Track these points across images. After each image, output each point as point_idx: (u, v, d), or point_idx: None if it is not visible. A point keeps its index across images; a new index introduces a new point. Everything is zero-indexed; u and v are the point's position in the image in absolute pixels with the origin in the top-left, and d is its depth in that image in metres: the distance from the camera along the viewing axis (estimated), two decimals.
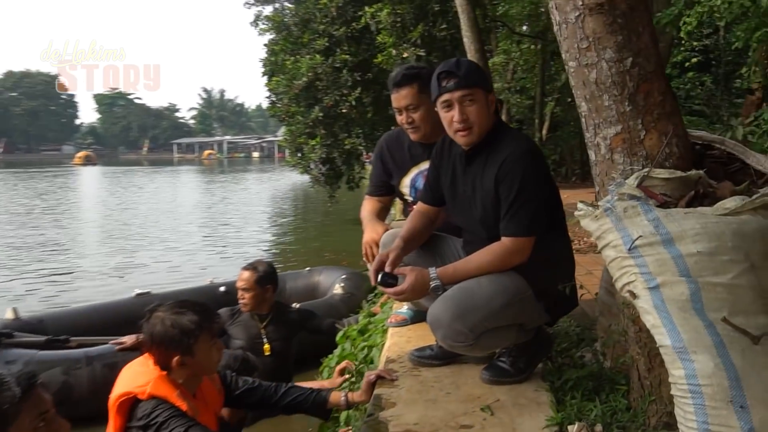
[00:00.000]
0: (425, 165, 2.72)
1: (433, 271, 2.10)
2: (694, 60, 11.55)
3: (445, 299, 2.04)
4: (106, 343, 3.94)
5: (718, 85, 11.60)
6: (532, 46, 15.39)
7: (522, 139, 2.16)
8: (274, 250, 11.72)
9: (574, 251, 2.36)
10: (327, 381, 3.08)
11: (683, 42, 10.84)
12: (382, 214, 2.90)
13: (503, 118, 3.73)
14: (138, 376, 2.06)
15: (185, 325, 2.04)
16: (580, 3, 1.86)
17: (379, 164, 2.92)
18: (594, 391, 2.12)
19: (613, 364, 2.28)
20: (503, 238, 2.08)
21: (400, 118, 2.68)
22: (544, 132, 16.23)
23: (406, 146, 2.81)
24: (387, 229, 2.64)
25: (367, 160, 19.41)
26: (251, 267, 3.66)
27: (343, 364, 3.04)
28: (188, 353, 2.04)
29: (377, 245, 2.56)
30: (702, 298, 1.58)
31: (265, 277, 3.64)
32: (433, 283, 2.08)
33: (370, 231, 2.69)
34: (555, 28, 2.00)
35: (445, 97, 2.09)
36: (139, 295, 5.48)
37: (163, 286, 7.37)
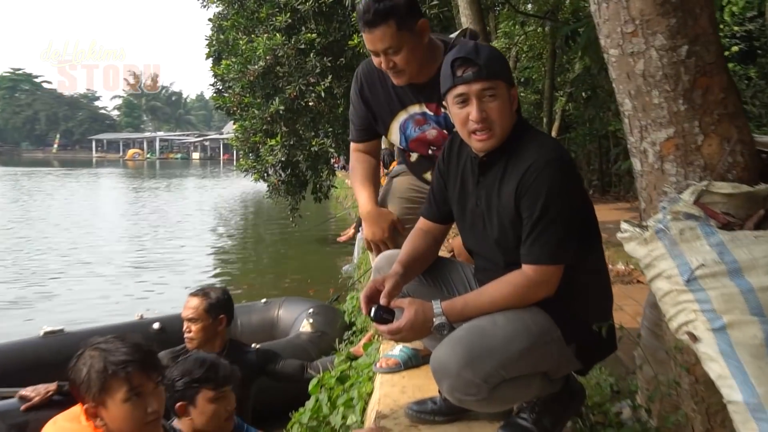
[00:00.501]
0: (415, 108, 2.75)
1: (437, 305, 2.08)
2: (736, 48, 11.75)
3: (453, 341, 2.02)
4: (12, 397, 3.81)
5: (767, 78, 11.81)
6: (539, 29, 15.58)
7: (550, 143, 2.15)
8: (220, 277, 11.58)
9: None
10: None
11: (722, 26, 11.03)
12: (376, 173, 2.96)
13: None
14: None
15: (95, 366, 2.01)
16: None
17: (360, 105, 2.90)
18: None
19: (659, 424, 2.29)
20: (524, 266, 2.07)
21: (378, 61, 2.63)
22: (553, 133, 16.41)
23: (390, 84, 2.78)
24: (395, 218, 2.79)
25: (338, 165, 19.41)
26: (201, 293, 3.64)
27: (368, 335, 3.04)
28: (99, 403, 2.00)
29: (389, 238, 2.72)
30: None
31: (218, 305, 3.61)
32: (437, 320, 2.06)
33: (374, 223, 2.78)
34: (592, 7, 2.02)
35: (461, 89, 2.07)
36: (47, 333, 5.33)
37: (79, 321, 7.23)
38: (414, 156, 2.93)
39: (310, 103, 11.39)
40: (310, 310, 5.95)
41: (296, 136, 11.87)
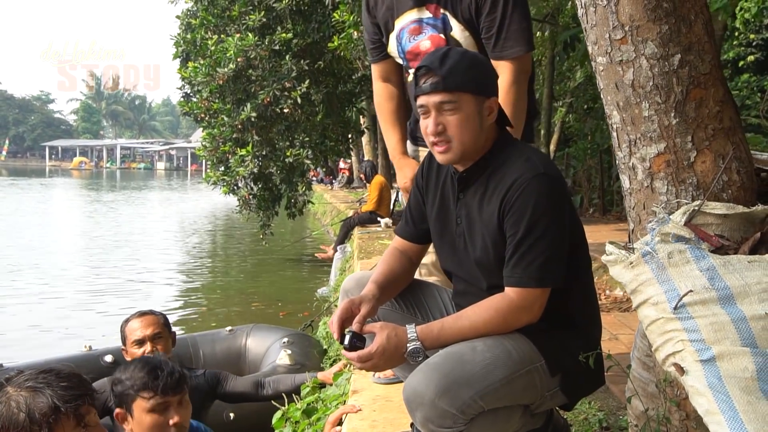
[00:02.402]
0: (413, 14, 2.86)
1: (411, 330, 2.09)
2: (751, 58, 11.92)
3: (428, 368, 2.03)
4: None
5: None
6: (538, 33, 15.74)
7: (536, 158, 2.17)
8: (176, 301, 11.44)
9: None
10: None
11: (737, 34, 11.17)
12: (401, 108, 3.16)
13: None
14: None
15: (38, 407, 1.97)
16: None
17: (367, 17, 3.07)
18: None
19: None
20: (507, 290, 2.09)
21: None
22: (552, 147, 16.54)
23: None
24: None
25: (315, 178, 19.40)
26: (148, 312, 3.67)
27: (338, 413, 3.00)
28: None
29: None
30: None
31: (168, 321, 3.66)
32: (410, 346, 2.07)
33: (399, 171, 3.08)
34: (579, 11, 2.06)
35: (421, 100, 2.12)
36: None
37: (20, 354, 7.12)
38: (411, 72, 2.98)
39: (286, 110, 11.40)
40: (285, 340, 5.81)
41: (269, 146, 11.86)
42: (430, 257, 2.87)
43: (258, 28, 11.26)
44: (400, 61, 3.05)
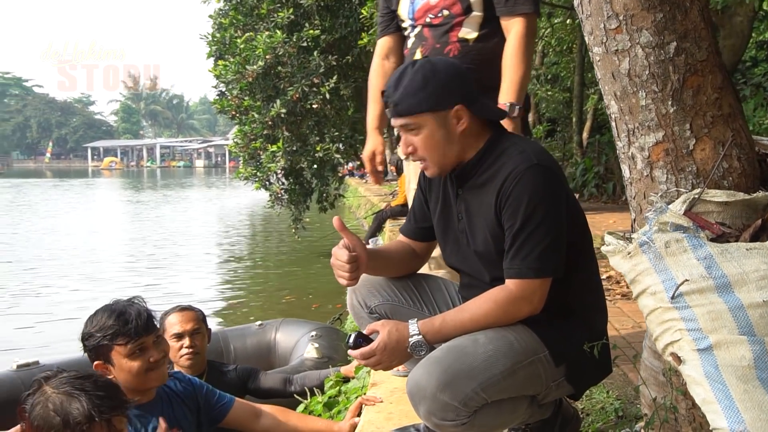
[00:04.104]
0: None
1: (413, 324, 2.10)
2: None
3: (430, 362, 2.03)
4: None
5: None
6: (568, 21, 15.56)
7: (530, 149, 2.16)
8: (211, 295, 11.56)
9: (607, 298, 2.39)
10: (336, 424, 3.05)
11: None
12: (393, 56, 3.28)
13: (530, 116, 3.78)
14: None
15: (72, 414, 2.00)
16: None
17: None
18: None
19: None
20: (507, 281, 2.09)
21: None
22: (584, 135, 16.39)
23: None
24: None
25: (345, 174, 19.46)
26: (186, 306, 3.73)
27: (356, 404, 3.02)
28: None
29: (381, 156, 3.21)
30: None
31: (205, 317, 3.72)
32: (412, 340, 2.08)
33: (367, 143, 3.23)
34: (575, 2, 2.04)
35: (392, 122, 2.19)
36: (20, 366, 5.27)
37: (57, 352, 7.20)
38: (410, 41, 3.11)
39: (315, 106, 11.41)
40: (313, 333, 5.84)
41: (300, 142, 11.89)
42: (438, 251, 2.89)
43: (286, 25, 11.30)
44: (407, 24, 3.09)
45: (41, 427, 2.01)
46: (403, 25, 3.13)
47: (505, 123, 2.75)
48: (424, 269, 2.61)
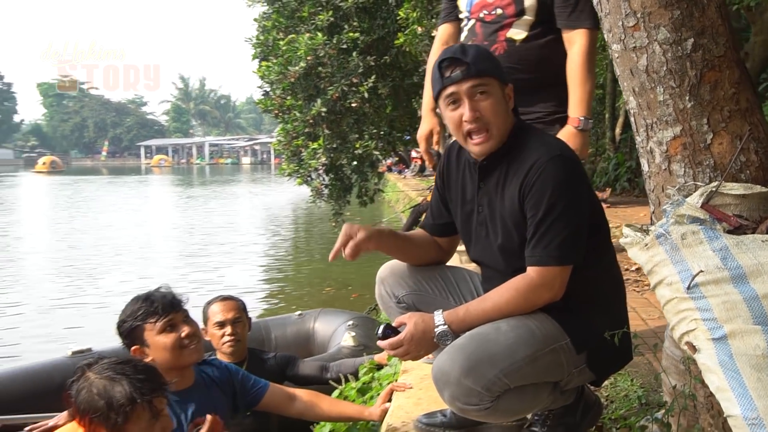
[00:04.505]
0: None
1: (438, 315, 2.10)
2: None
3: (454, 349, 2.04)
4: (22, 427, 3.86)
5: None
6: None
7: (552, 141, 2.16)
8: (255, 285, 11.66)
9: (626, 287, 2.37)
10: (367, 409, 3.07)
11: None
12: (452, 41, 3.23)
13: None
14: None
15: (115, 397, 2.04)
16: None
17: None
18: None
19: None
20: (528, 269, 2.07)
21: None
22: (617, 131, 16.19)
23: None
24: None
25: (384, 170, 19.48)
26: (227, 296, 3.78)
27: (387, 390, 3.04)
28: (117, 430, 2.05)
29: (438, 135, 3.21)
30: None
31: (245, 306, 3.76)
32: (438, 329, 2.08)
33: (422, 123, 3.21)
34: (594, 1, 2.02)
35: (451, 89, 2.10)
36: (75, 353, 5.33)
37: (109, 340, 7.30)
38: (463, 33, 3.11)
39: (354, 105, 11.41)
40: (350, 323, 5.89)
41: (340, 139, 11.91)
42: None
43: (326, 28, 11.31)
44: (464, 15, 3.09)
45: (87, 411, 2.05)
46: (460, 16, 3.13)
47: (576, 135, 2.79)
48: (455, 262, 2.62)
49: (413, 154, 30.98)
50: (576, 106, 2.85)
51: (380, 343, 2.17)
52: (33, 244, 17.60)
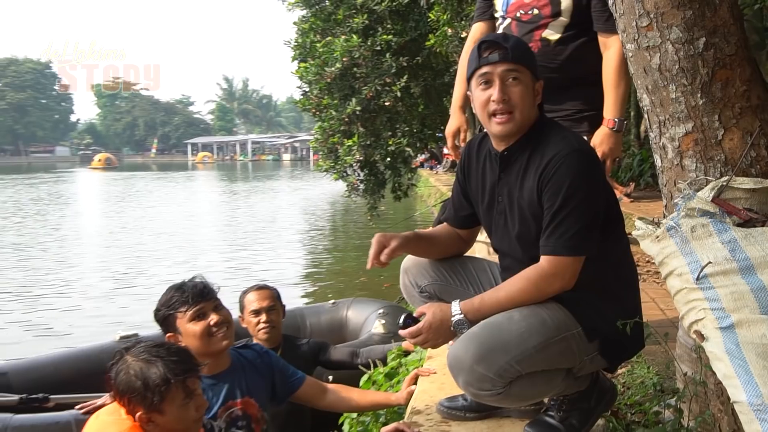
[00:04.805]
0: None
1: (455, 304, 2.10)
2: None
3: (467, 337, 2.04)
4: (74, 405, 3.92)
5: None
6: None
7: (571, 136, 2.15)
8: (294, 275, 11.75)
9: (642, 278, 2.34)
10: (394, 394, 3.09)
11: None
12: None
13: None
14: (107, 427, 2.13)
15: (151, 378, 2.07)
16: None
17: None
18: None
19: (695, 424, 2.24)
20: (541, 258, 2.07)
21: None
22: (642, 128, 15.98)
23: None
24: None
25: (417, 166, 19.48)
26: (262, 286, 3.81)
27: (413, 375, 3.05)
28: (154, 410, 2.08)
29: (465, 133, 3.18)
30: None
31: (280, 295, 3.79)
32: (455, 318, 2.08)
33: (450, 120, 3.23)
34: (610, 2, 2.01)
35: (485, 69, 2.10)
36: (123, 338, 5.38)
37: (155, 326, 7.39)
38: (501, 27, 3.08)
39: (387, 103, 11.41)
40: (381, 311, 5.90)
41: (374, 136, 11.92)
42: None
43: (361, 30, 11.32)
44: (499, 14, 3.09)
45: (125, 392, 2.09)
46: (496, 15, 3.13)
47: (611, 136, 2.82)
48: (484, 254, 2.62)
49: (445, 150, 30.94)
50: (611, 108, 2.84)
51: (401, 332, 2.18)
52: (90, 234, 17.94)
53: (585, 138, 2.78)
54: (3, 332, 8.51)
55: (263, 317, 3.65)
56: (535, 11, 2.92)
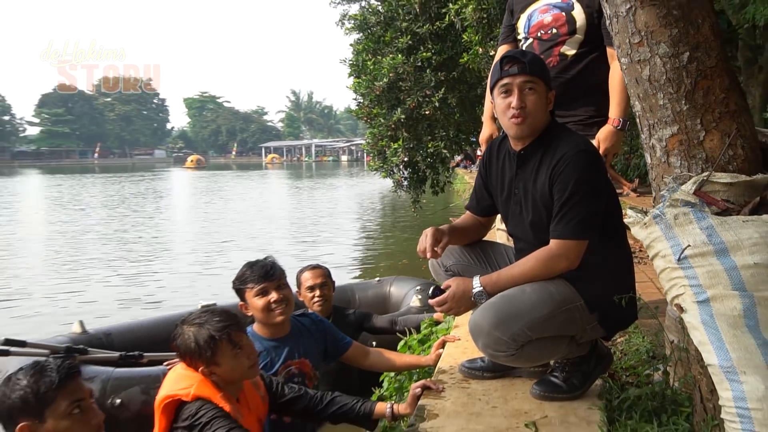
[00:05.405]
0: (542, 1, 2.99)
1: (476, 279, 2.12)
2: None
3: (487, 306, 2.05)
4: (162, 362, 4.04)
5: None
6: None
7: (578, 139, 2.15)
8: (347, 258, 11.83)
9: (644, 261, 2.31)
10: (424, 357, 3.12)
11: None
12: None
13: None
14: (182, 379, 2.19)
15: (203, 337, 2.15)
16: None
17: (508, 11, 3.24)
18: (654, 413, 2.07)
19: (679, 385, 2.21)
20: (550, 242, 2.07)
21: None
22: None
23: None
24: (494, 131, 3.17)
25: (454, 166, 19.41)
26: (315, 266, 3.85)
27: (440, 340, 3.07)
28: (212, 363, 2.15)
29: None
30: (757, 314, 1.53)
31: (330, 273, 3.83)
32: (475, 290, 2.10)
33: (485, 128, 3.24)
34: (607, 21, 1.98)
35: (506, 80, 2.12)
36: (204, 306, 5.51)
37: (231, 298, 7.54)
38: (524, 47, 3.08)
39: (427, 112, 11.38)
40: (418, 287, 5.92)
41: (416, 140, 11.90)
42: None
43: (405, 49, 11.27)
44: (522, 36, 3.10)
45: (186, 353, 2.19)
46: (518, 37, 3.13)
47: (614, 133, 2.80)
48: (504, 240, 2.63)
49: (478, 152, 30.69)
50: (615, 109, 2.82)
51: (430, 301, 2.21)
52: (181, 222, 18.33)
53: (593, 141, 2.76)
54: (108, 301, 8.76)
55: (317, 292, 3.70)
56: (554, 30, 2.92)
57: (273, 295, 2.70)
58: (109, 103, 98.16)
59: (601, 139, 2.81)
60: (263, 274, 2.73)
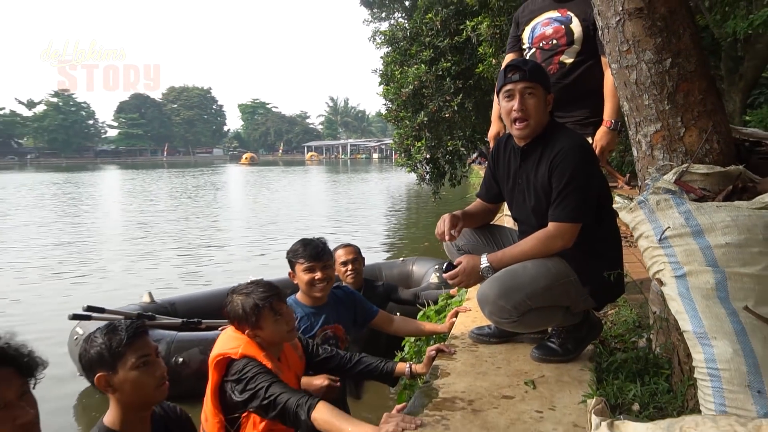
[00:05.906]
0: (548, 14, 2.95)
1: (484, 256, 2.12)
2: None
3: (493, 279, 2.06)
4: (217, 327, 4.12)
5: None
6: None
7: (574, 136, 2.14)
8: (375, 241, 11.88)
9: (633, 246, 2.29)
10: (440, 325, 3.14)
11: None
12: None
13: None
14: (232, 340, 2.24)
15: (249, 305, 2.19)
16: (620, 8, 1.82)
17: (514, 23, 3.19)
18: (638, 374, 2.06)
19: (660, 350, 2.20)
20: (549, 224, 2.06)
21: None
22: None
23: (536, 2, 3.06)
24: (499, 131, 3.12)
25: (470, 162, 19.32)
26: (347, 244, 3.86)
27: (454, 311, 3.09)
28: (256, 327, 2.19)
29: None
30: (728, 287, 1.51)
31: (360, 251, 3.85)
32: (483, 266, 2.10)
33: (493, 126, 3.18)
34: (599, 33, 1.96)
35: (508, 87, 2.11)
36: (252, 282, 5.61)
37: (277, 273, 7.65)
38: (527, 56, 3.05)
39: (447, 115, 11.35)
40: (437, 266, 5.94)
41: (437, 140, 11.90)
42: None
43: (428, 61, 11.26)
44: (525, 45, 3.07)
45: (234, 318, 2.23)
46: (523, 46, 3.11)
47: (608, 133, 2.77)
48: (510, 225, 2.63)
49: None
50: (608, 112, 2.79)
51: (444, 275, 2.22)
52: (235, 209, 18.55)
53: (588, 139, 2.73)
54: (173, 276, 8.94)
55: (349, 267, 3.71)
56: (554, 41, 2.89)
57: (318, 274, 2.72)
58: (176, 108, 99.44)
59: (597, 139, 2.79)
60: (314, 254, 2.73)
